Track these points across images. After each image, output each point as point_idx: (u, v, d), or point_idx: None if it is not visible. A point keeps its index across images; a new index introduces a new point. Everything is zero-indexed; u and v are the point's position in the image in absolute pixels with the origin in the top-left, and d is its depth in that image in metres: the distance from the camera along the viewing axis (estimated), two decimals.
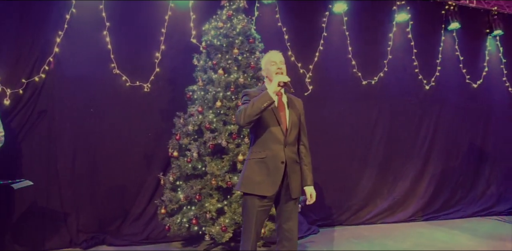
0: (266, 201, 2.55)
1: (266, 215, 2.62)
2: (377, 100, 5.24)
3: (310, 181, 2.73)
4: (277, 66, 2.65)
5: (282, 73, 2.65)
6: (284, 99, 2.72)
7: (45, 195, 3.93)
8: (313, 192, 2.72)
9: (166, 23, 4.41)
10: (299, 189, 2.69)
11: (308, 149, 2.79)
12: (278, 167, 2.54)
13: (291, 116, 2.66)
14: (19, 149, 3.86)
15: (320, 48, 5.00)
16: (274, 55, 2.73)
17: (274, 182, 2.53)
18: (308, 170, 2.74)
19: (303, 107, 2.82)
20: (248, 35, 4.21)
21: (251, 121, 2.47)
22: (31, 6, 3.91)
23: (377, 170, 5.19)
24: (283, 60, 2.70)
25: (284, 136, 2.59)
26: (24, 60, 3.88)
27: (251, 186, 2.55)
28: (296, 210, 2.70)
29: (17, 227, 3.83)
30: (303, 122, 2.78)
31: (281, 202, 2.65)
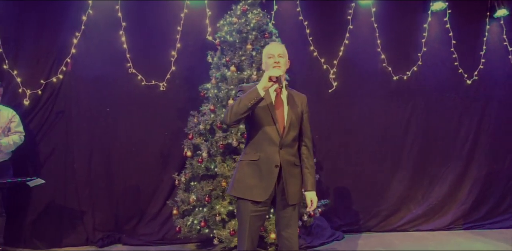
0: (260, 206, 2.34)
1: (262, 220, 2.41)
2: (410, 97, 4.81)
3: (311, 185, 2.48)
4: (274, 60, 2.42)
5: (279, 67, 2.42)
6: (283, 96, 2.48)
7: (63, 193, 4.02)
8: (313, 198, 2.46)
9: (182, 21, 4.33)
10: (299, 195, 2.44)
11: (311, 151, 2.53)
12: (271, 171, 2.32)
13: (289, 115, 2.41)
14: (38, 149, 3.97)
15: (345, 42, 4.68)
16: (272, 47, 2.50)
17: (267, 187, 2.32)
18: (310, 174, 2.49)
19: (307, 104, 2.56)
20: (264, 30, 4.02)
21: (238, 120, 2.28)
22: (49, 9, 4.01)
23: (410, 173, 4.77)
24: (283, 52, 2.45)
25: (280, 136, 2.35)
26: (42, 61, 3.99)
27: (242, 190, 2.36)
28: (296, 216, 2.45)
29: (36, 224, 3.94)
30: (306, 121, 2.53)
31: (278, 208, 2.44)
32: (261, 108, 2.38)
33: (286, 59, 2.49)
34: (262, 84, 2.25)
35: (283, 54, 2.47)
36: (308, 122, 2.55)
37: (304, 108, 2.55)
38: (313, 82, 4.65)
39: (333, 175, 4.69)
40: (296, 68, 4.59)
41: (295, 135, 2.45)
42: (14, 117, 3.68)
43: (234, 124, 2.34)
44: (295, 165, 2.43)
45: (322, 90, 4.67)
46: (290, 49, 4.46)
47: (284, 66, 2.46)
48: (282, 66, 2.42)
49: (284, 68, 2.45)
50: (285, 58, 2.47)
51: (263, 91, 2.26)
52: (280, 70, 2.33)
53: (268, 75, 2.27)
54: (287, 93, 2.51)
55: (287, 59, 2.51)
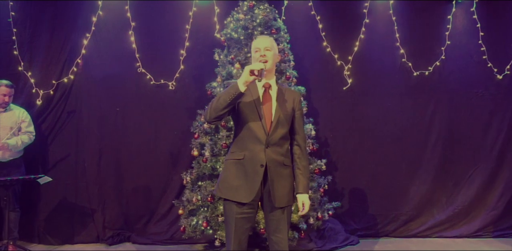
0: (246, 208, 2.21)
1: (249, 223, 2.27)
2: (433, 94, 4.49)
3: (303, 187, 2.31)
4: (260, 53, 2.29)
5: (266, 61, 2.29)
6: (272, 92, 2.33)
7: (74, 191, 4.11)
8: (305, 201, 2.29)
9: (191, 19, 4.30)
10: (288, 197, 2.28)
11: (304, 150, 2.37)
12: (257, 171, 2.19)
13: (277, 112, 2.27)
14: (50, 147, 4.09)
15: (361, 37, 4.45)
16: (258, 40, 2.37)
17: (252, 188, 2.19)
18: (302, 175, 2.32)
19: (300, 101, 2.40)
20: (270, 25, 3.90)
21: (218, 116, 2.17)
22: (61, 12, 4.13)
23: (432, 175, 4.45)
24: (270, 45, 2.31)
25: (266, 134, 2.22)
26: (54, 62, 4.11)
27: (227, 191, 2.25)
28: (286, 220, 2.29)
29: (49, 220, 4.07)
30: (299, 119, 2.37)
31: (265, 210, 2.31)
32: (247, 104, 2.26)
33: (274, 52, 2.34)
34: (242, 79, 2.14)
35: (271, 47, 2.33)
36: (302, 120, 2.40)
37: (297, 105, 2.38)
38: (326, 80, 4.47)
39: (349, 176, 4.47)
40: (308, 65, 4.45)
41: (284, 132, 2.29)
42: (25, 117, 3.81)
43: (214, 121, 2.23)
44: (284, 165, 2.28)
45: (336, 88, 4.47)
46: (302, 45, 4.43)
47: (272, 60, 2.31)
48: (269, 59, 2.28)
49: (271, 62, 2.30)
50: (272, 51, 2.32)
51: (244, 86, 2.14)
52: (261, 64, 2.19)
53: (249, 69, 2.15)
54: (277, 89, 2.37)
55: (276, 52, 2.37)
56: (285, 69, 3.85)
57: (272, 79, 2.38)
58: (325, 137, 4.49)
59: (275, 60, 2.38)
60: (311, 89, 4.46)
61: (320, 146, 4.38)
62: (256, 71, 2.13)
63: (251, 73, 2.14)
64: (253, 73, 2.14)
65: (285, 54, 3.93)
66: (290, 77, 3.85)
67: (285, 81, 3.83)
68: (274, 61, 2.36)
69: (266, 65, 2.24)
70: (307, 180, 2.34)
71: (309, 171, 2.48)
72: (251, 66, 2.16)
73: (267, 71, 2.30)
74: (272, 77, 2.38)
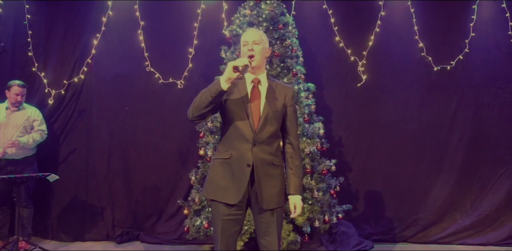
0: (234, 210, 2.10)
1: (237, 225, 2.15)
2: (456, 90, 4.17)
3: (294, 188, 2.18)
4: (248, 47, 2.18)
5: (253, 55, 2.17)
6: (262, 87, 2.21)
7: (84, 189, 4.18)
8: (297, 203, 2.17)
9: (199, 17, 4.26)
10: (278, 199, 2.15)
11: (297, 149, 2.24)
12: (243, 171, 2.08)
13: (266, 109, 2.14)
14: (62, 146, 4.18)
15: (376, 31, 4.21)
16: (246, 34, 2.24)
17: (239, 189, 2.08)
18: (294, 175, 2.19)
19: (292, 97, 2.26)
20: (277, 21, 3.77)
21: (200, 114, 2.08)
22: (73, 14, 4.23)
23: (455, 177, 4.13)
24: (259, 39, 2.17)
25: (253, 132, 2.10)
26: (66, 63, 4.21)
27: (214, 191, 2.14)
28: (275, 222, 2.15)
29: (61, 217, 4.16)
30: (291, 116, 2.24)
31: (254, 212, 2.19)
32: (234, 101, 2.15)
33: (263, 46, 2.20)
34: (225, 76, 2.03)
35: (259, 41, 2.19)
36: (295, 117, 2.26)
37: (289, 101, 2.24)
38: (339, 76, 4.28)
39: (364, 177, 4.25)
40: (320, 61, 4.29)
41: (273, 130, 2.16)
42: (37, 116, 3.91)
43: (197, 120, 2.13)
44: (273, 165, 2.15)
45: (350, 85, 4.27)
46: (313, 40, 4.26)
47: (260, 54, 2.17)
48: (256, 54, 2.15)
49: (259, 57, 2.17)
50: (261, 45, 2.18)
51: (226, 83, 2.04)
52: (246, 60, 2.08)
53: (232, 65, 2.04)
54: (267, 85, 2.24)
55: (266, 46, 2.23)
56: (292, 66, 3.71)
57: (262, 74, 2.25)
58: (338, 136, 4.30)
59: (264, 54, 2.24)
60: (324, 86, 4.29)
61: (333, 145, 4.21)
62: (240, 68, 2.03)
63: (235, 70, 2.03)
64: (237, 69, 2.03)
65: (292, 50, 3.79)
66: (297, 74, 3.71)
67: (291, 78, 3.70)
68: (263, 55, 2.22)
69: (253, 60, 2.13)
70: (299, 180, 2.20)
71: (302, 171, 2.33)
72: (234, 62, 2.05)
73: (256, 66, 2.18)
74: (262, 72, 2.25)
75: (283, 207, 2.23)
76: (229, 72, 2.03)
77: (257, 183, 2.10)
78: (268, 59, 3.66)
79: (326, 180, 3.84)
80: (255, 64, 2.15)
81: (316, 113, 3.89)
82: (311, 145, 3.62)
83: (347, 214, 4.20)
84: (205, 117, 2.14)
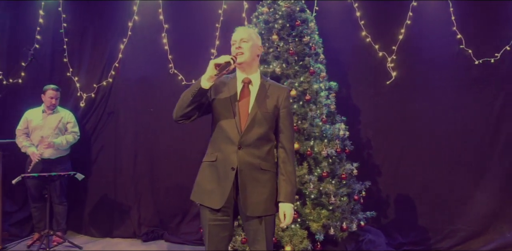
0: (220, 215, 2.02)
1: (225, 231, 2.06)
2: (501, 86, 3.70)
3: (285, 196, 2.04)
4: (236, 46, 2.08)
5: (242, 53, 2.06)
6: (253, 87, 2.11)
7: (113, 188, 4.34)
8: (287, 211, 2.02)
9: (221, 17, 4.23)
10: (265, 205, 2.03)
11: (290, 154, 2.10)
12: (227, 174, 2.00)
13: (254, 109, 2.04)
14: (92, 146, 4.39)
15: (407, 23, 3.87)
16: (235, 32, 2.14)
17: (223, 193, 1.99)
18: (285, 181, 2.06)
19: (286, 98, 2.14)
20: (294, 17, 3.62)
21: (183, 114, 2.02)
22: (102, 21, 4.43)
23: (501, 184, 3.67)
24: (248, 36, 2.08)
25: (239, 133, 2.01)
26: (96, 67, 4.40)
27: (200, 195, 2.09)
28: (263, 231, 2.04)
29: (93, 214, 4.36)
30: (284, 118, 2.11)
31: (242, 219, 2.11)
32: (222, 101, 2.08)
33: (253, 43, 2.09)
34: (207, 74, 1.97)
35: (248, 38, 2.09)
36: (288, 120, 2.13)
37: (282, 102, 2.12)
38: (366, 74, 4.02)
39: (395, 182, 3.95)
40: (345, 58, 4.07)
41: (262, 132, 2.04)
42: (70, 118, 4.14)
43: (181, 119, 2.06)
44: (261, 170, 2.03)
45: (378, 82, 3.98)
46: (338, 36, 4.05)
47: (249, 52, 2.07)
48: (245, 52, 2.06)
49: (248, 54, 2.07)
50: (250, 42, 2.08)
51: (208, 82, 1.97)
52: (227, 57, 2.00)
53: (213, 62, 1.97)
54: (259, 84, 2.13)
55: (256, 43, 2.12)
56: (309, 64, 3.53)
57: (254, 73, 2.15)
58: (366, 137, 4.03)
59: (255, 52, 2.12)
60: (350, 85, 4.05)
61: (361, 147, 3.98)
62: (223, 64, 1.96)
63: (216, 67, 1.95)
64: (219, 66, 1.96)
65: (312, 47, 3.61)
66: (315, 72, 3.52)
67: (309, 77, 3.51)
68: (253, 53, 2.11)
69: (238, 56, 2.04)
70: (291, 187, 2.06)
71: (296, 177, 2.16)
72: (216, 60, 1.98)
73: (246, 64, 2.09)
74: (254, 71, 2.15)
75: (273, 215, 2.10)
76: (210, 70, 1.96)
77: (242, 187, 2.00)
78: (283, 58, 3.53)
79: (351, 184, 3.62)
80: (242, 61, 2.06)
81: (341, 113, 3.69)
82: (329, 147, 3.41)
83: (377, 221, 3.96)
84: (189, 117, 2.07)
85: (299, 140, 3.43)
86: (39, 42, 4.53)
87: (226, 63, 1.97)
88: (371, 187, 3.87)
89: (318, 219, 3.34)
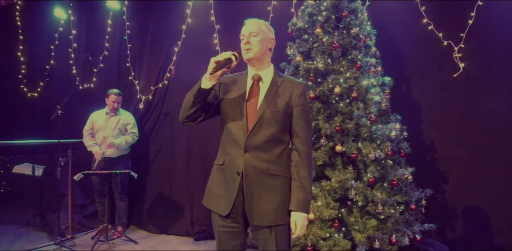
0: (229, 222, 1.92)
1: (236, 239, 1.94)
2: None
3: (296, 204, 1.86)
4: (245, 41, 1.95)
5: (250, 49, 1.92)
6: (264, 85, 1.97)
7: (168, 187, 4.48)
8: (298, 221, 1.84)
9: (271, 14, 4.10)
10: (275, 214, 1.86)
11: (304, 157, 1.91)
12: (233, 179, 1.88)
13: (262, 108, 1.90)
14: (151, 146, 4.58)
15: (478, 4, 3.31)
16: (244, 26, 2.00)
17: (229, 199, 1.89)
18: (298, 188, 1.87)
19: (301, 94, 1.95)
20: (340, 8, 3.34)
21: (188, 116, 1.94)
22: (159, 25, 4.59)
23: None
24: (257, 29, 1.93)
25: (245, 136, 1.88)
26: (153, 70, 4.59)
27: (209, 199, 2.01)
28: (274, 242, 1.87)
29: (151, 211, 4.54)
30: (298, 117, 1.93)
31: (251, 227, 1.95)
32: (230, 101, 1.97)
33: (263, 36, 1.94)
34: (208, 72, 1.89)
35: (257, 31, 1.94)
36: (303, 119, 1.93)
37: (296, 100, 1.93)
38: (429, 66, 3.56)
39: (464, 190, 3.43)
40: (403, 50, 3.68)
41: (271, 134, 1.88)
42: (130, 120, 4.38)
43: (187, 121, 1.98)
44: (270, 175, 1.87)
45: (444, 76, 3.49)
46: (395, 26, 3.65)
47: (258, 47, 1.92)
48: (254, 47, 1.92)
49: (257, 49, 1.92)
50: (260, 36, 1.93)
51: (209, 81, 1.89)
52: (228, 53, 1.89)
53: (213, 60, 1.89)
54: (271, 81, 1.98)
55: (267, 36, 1.96)
56: (355, 57, 3.22)
57: (266, 69, 2.00)
58: (430, 139, 3.55)
59: (265, 46, 1.96)
60: (410, 80, 3.63)
61: (424, 151, 3.55)
62: (224, 62, 1.87)
63: (216, 65, 1.86)
64: (219, 64, 1.87)
65: (360, 40, 3.29)
66: (362, 67, 3.19)
67: (355, 72, 3.20)
68: (263, 47, 1.95)
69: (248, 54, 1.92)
70: (304, 195, 1.86)
71: (311, 183, 1.93)
72: (216, 57, 1.89)
73: (256, 59, 1.95)
74: (265, 67, 2.00)
75: (286, 225, 1.89)
76: (210, 68, 1.87)
77: (247, 194, 1.86)
78: (328, 52, 3.26)
79: (408, 191, 3.22)
80: (251, 56, 1.93)
81: (399, 112, 3.33)
82: (378, 150, 3.06)
83: (442, 235, 3.48)
84: (195, 119, 1.98)
85: (344, 141, 3.15)
86: (108, 49, 4.90)
87: (226, 60, 1.86)
88: (435, 196, 3.44)
89: (364, 230, 3.02)
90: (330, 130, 3.09)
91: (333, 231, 3.02)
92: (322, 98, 3.24)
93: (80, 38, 5.16)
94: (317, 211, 2.96)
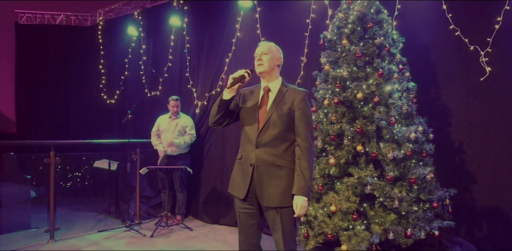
0: (247, 204, 2.43)
1: (253, 219, 2.44)
2: None
3: (297, 189, 2.30)
4: (257, 58, 2.48)
5: (262, 64, 2.45)
6: (272, 94, 2.46)
7: (220, 183, 5.04)
8: (298, 203, 2.28)
9: (310, 26, 4.48)
10: (281, 198, 2.32)
11: (305, 151, 2.34)
12: (248, 170, 2.40)
13: (270, 112, 2.39)
14: (206, 146, 5.19)
15: (505, 9, 3.38)
16: (258, 47, 2.55)
17: (245, 185, 2.41)
18: (299, 176, 2.31)
19: (302, 100, 2.40)
20: (366, 20, 3.63)
21: (215, 121, 2.47)
22: (213, 38, 5.20)
23: None
24: (268, 49, 2.46)
25: (257, 135, 2.37)
26: (207, 79, 5.21)
27: (231, 186, 2.54)
28: (279, 221, 2.34)
29: (205, 203, 5.16)
30: (299, 119, 2.37)
31: (262, 209, 2.45)
32: (248, 109, 2.49)
33: (272, 55, 2.46)
34: (228, 86, 2.41)
35: (268, 51, 2.47)
36: (304, 120, 2.37)
37: (297, 104, 2.39)
38: (457, 71, 3.68)
39: (493, 191, 3.50)
40: (431, 56, 3.83)
41: (277, 133, 2.35)
42: (189, 122, 5.05)
43: (214, 125, 2.51)
44: (277, 166, 2.34)
45: (472, 80, 3.59)
46: (423, 34, 3.86)
47: (268, 63, 2.44)
48: (265, 63, 2.44)
49: (267, 65, 2.44)
50: (270, 54, 2.46)
51: (228, 93, 2.40)
52: (242, 71, 2.40)
53: (231, 77, 2.40)
54: (278, 91, 2.46)
55: (275, 55, 2.48)
56: (378, 65, 3.48)
57: (274, 81, 2.49)
58: (459, 141, 3.67)
59: (274, 63, 2.48)
60: (439, 84, 3.80)
61: (453, 152, 3.70)
62: (238, 78, 2.36)
63: (233, 80, 2.36)
64: (235, 79, 2.37)
65: (385, 48, 3.55)
66: (383, 74, 3.45)
67: (378, 79, 3.46)
68: (272, 64, 2.47)
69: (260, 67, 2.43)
70: (304, 182, 2.29)
71: (311, 173, 2.33)
72: (233, 74, 2.41)
73: (266, 73, 2.46)
74: (274, 79, 2.50)
75: (290, 207, 2.33)
76: (229, 83, 2.37)
77: (258, 181, 2.34)
78: (352, 61, 3.57)
79: (432, 190, 3.41)
80: (262, 70, 2.44)
81: (428, 115, 3.59)
82: (397, 150, 3.30)
83: (470, 235, 3.59)
84: (221, 123, 2.51)
85: (365, 142, 3.44)
86: (171, 61, 5.66)
87: (241, 76, 2.36)
88: (464, 195, 3.58)
89: (382, 223, 3.28)
90: (352, 131, 3.40)
91: (357, 223, 3.33)
92: (347, 103, 3.57)
93: (148, 52, 5.99)
94: (338, 203, 3.30)
